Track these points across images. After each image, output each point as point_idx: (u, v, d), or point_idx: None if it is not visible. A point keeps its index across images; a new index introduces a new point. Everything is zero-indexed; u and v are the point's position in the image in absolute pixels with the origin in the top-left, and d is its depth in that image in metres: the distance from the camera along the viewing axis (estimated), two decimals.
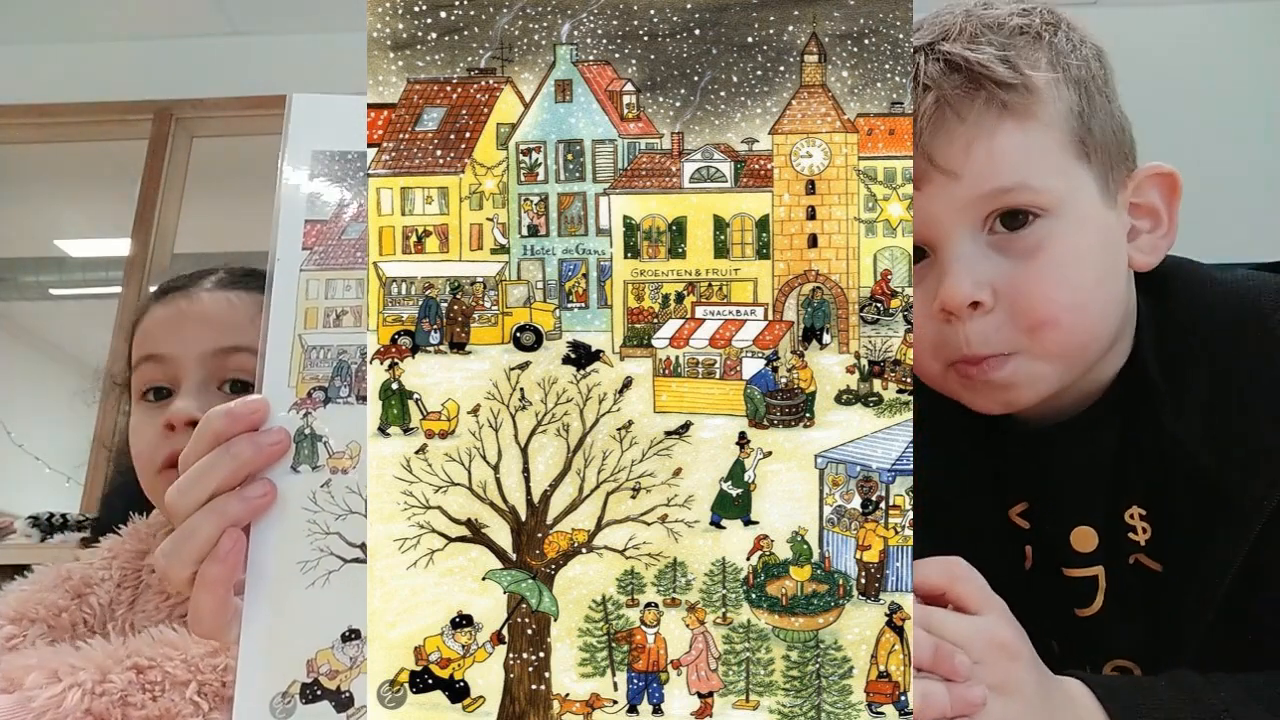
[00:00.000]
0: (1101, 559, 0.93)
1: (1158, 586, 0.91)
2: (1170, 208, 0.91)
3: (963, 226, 0.86)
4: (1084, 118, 0.87)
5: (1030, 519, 0.98)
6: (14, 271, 4.73)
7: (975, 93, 0.85)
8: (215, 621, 0.72)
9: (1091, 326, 0.88)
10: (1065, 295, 0.85)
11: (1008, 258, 0.85)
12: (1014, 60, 0.85)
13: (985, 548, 0.96)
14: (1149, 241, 0.91)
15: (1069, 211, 0.85)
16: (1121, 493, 0.92)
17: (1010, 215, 0.85)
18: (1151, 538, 0.91)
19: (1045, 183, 0.85)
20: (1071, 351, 0.88)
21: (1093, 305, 0.87)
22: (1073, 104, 0.87)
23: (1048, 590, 0.96)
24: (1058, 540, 0.95)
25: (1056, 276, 0.85)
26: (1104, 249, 0.88)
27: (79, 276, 4.58)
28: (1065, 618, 0.96)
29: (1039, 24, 0.89)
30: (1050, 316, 0.86)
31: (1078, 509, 0.94)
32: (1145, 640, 0.91)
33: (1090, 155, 0.87)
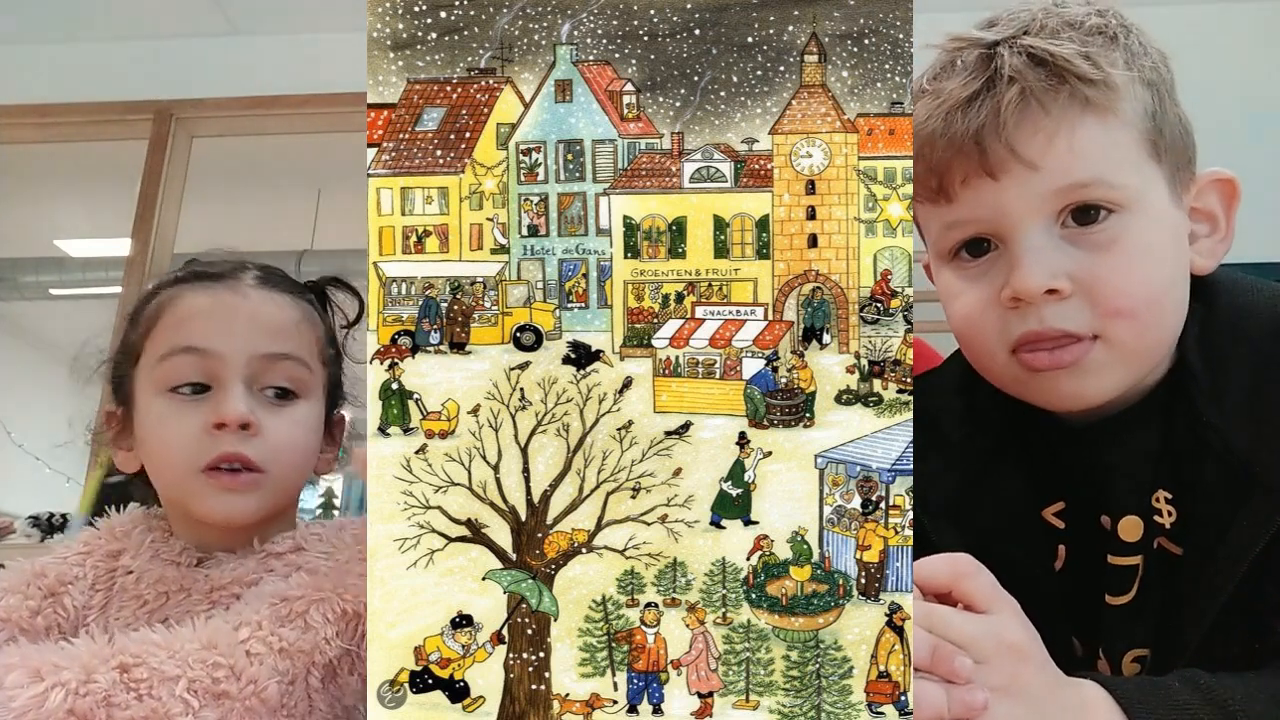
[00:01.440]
0: (1141, 548, 0.94)
1: (1176, 571, 0.91)
2: (1228, 213, 0.93)
3: (1037, 218, 0.87)
4: (1156, 118, 0.88)
5: (1066, 518, 0.99)
6: (14, 271, 4.73)
7: (1060, 86, 0.86)
8: None
9: (1165, 321, 0.89)
10: (1141, 289, 0.86)
11: (1082, 249, 0.86)
12: (1095, 57, 0.86)
13: (1015, 545, 0.97)
14: (1207, 246, 0.92)
15: (1142, 208, 0.86)
16: (1154, 479, 0.93)
17: (1083, 210, 0.86)
18: (1176, 521, 0.92)
19: (1122, 178, 0.86)
20: (1147, 347, 0.89)
21: (1167, 301, 0.89)
22: (1147, 104, 0.88)
23: (1080, 584, 0.97)
24: (1103, 531, 0.96)
25: (1132, 269, 0.86)
26: (1175, 246, 0.89)
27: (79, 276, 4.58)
28: (1094, 608, 0.96)
29: (1114, 25, 0.90)
30: (1128, 308, 0.86)
31: (1126, 499, 0.94)
32: (1159, 626, 0.91)
33: (1161, 155, 0.88)
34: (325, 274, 1.16)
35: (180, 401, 1.01)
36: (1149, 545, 0.94)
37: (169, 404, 1.02)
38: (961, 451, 0.97)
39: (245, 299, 1.04)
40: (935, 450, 0.97)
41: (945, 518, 0.96)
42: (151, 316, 1.06)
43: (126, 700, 0.80)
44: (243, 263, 1.10)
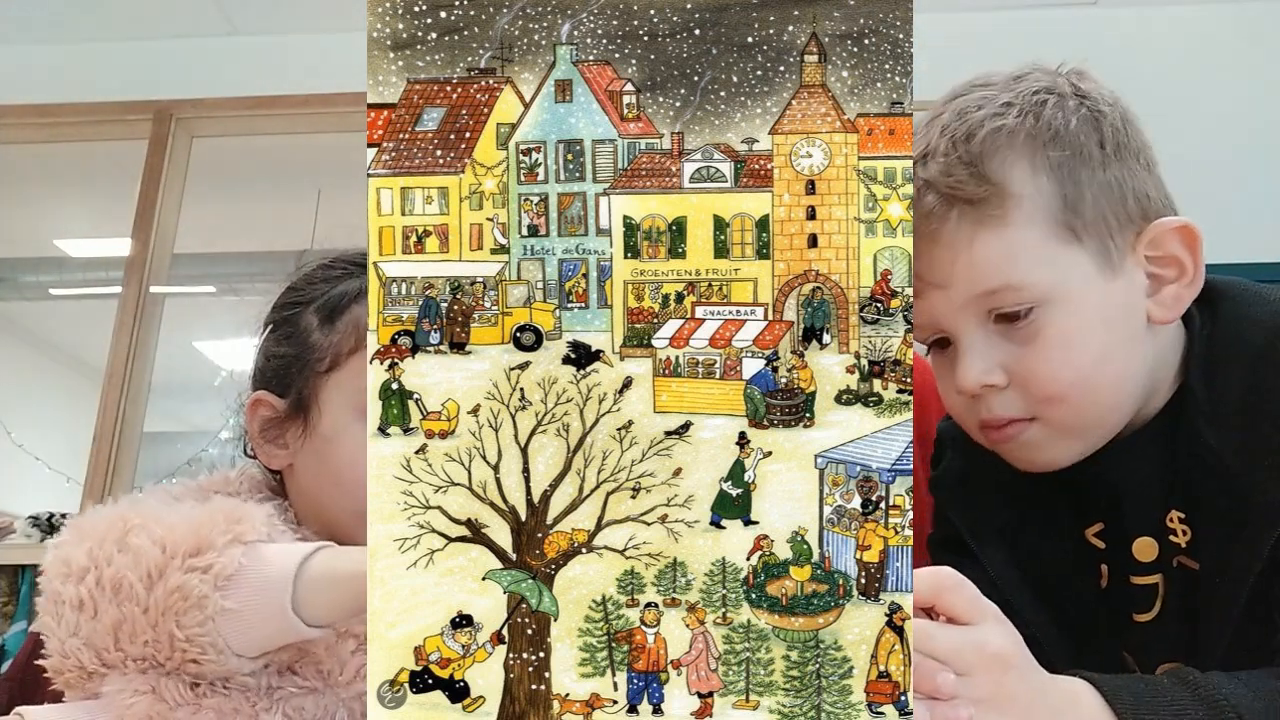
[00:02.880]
0: (1160, 567, 0.96)
1: (1197, 585, 0.94)
2: (1195, 257, 0.93)
3: (969, 320, 0.91)
4: (1070, 201, 0.90)
5: (1105, 539, 1.02)
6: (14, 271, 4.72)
7: (948, 211, 0.90)
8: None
9: (1102, 399, 0.92)
10: (1067, 374, 0.90)
11: (1012, 342, 0.91)
12: (985, 170, 0.89)
13: (1061, 566, 1.01)
14: (1173, 292, 0.93)
15: (1061, 296, 0.89)
16: (1165, 499, 0.96)
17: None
18: (1191, 539, 0.94)
19: (1029, 278, 0.89)
20: (1087, 424, 0.93)
21: (1098, 379, 0.91)
22: (1055, 194, 0.90)
23: (1120, 602, 0.99)
24: (1124, 552, 0.98)
25: (1056, 358, 0.90)
26: (1104, 324, 0.91)
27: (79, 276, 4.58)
28: (1125, 623, 0.99)
29: (1018, 114, 0.91)
30: (1057, 393, 0.91)
31: (1139, 520, 0.97)
32: (1190, 641, 0.93)
33: (1081, 235, 0.90)
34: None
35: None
36: (1168, 564, 0.96)
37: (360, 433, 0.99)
38: (1010, 480, 0.99)
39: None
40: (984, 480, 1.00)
41: (995, 542, 1.00)
42: (361, 333, 1.02)
43: (213, 690, 0.82)
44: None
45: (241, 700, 0.82)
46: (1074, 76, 0.96)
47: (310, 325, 1.07)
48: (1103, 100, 0.94)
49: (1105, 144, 0.92)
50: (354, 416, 1.00)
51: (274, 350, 1.09)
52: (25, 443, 4.59)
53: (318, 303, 1.08)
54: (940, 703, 0.70)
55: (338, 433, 1.02)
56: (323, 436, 1.03)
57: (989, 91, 0.94)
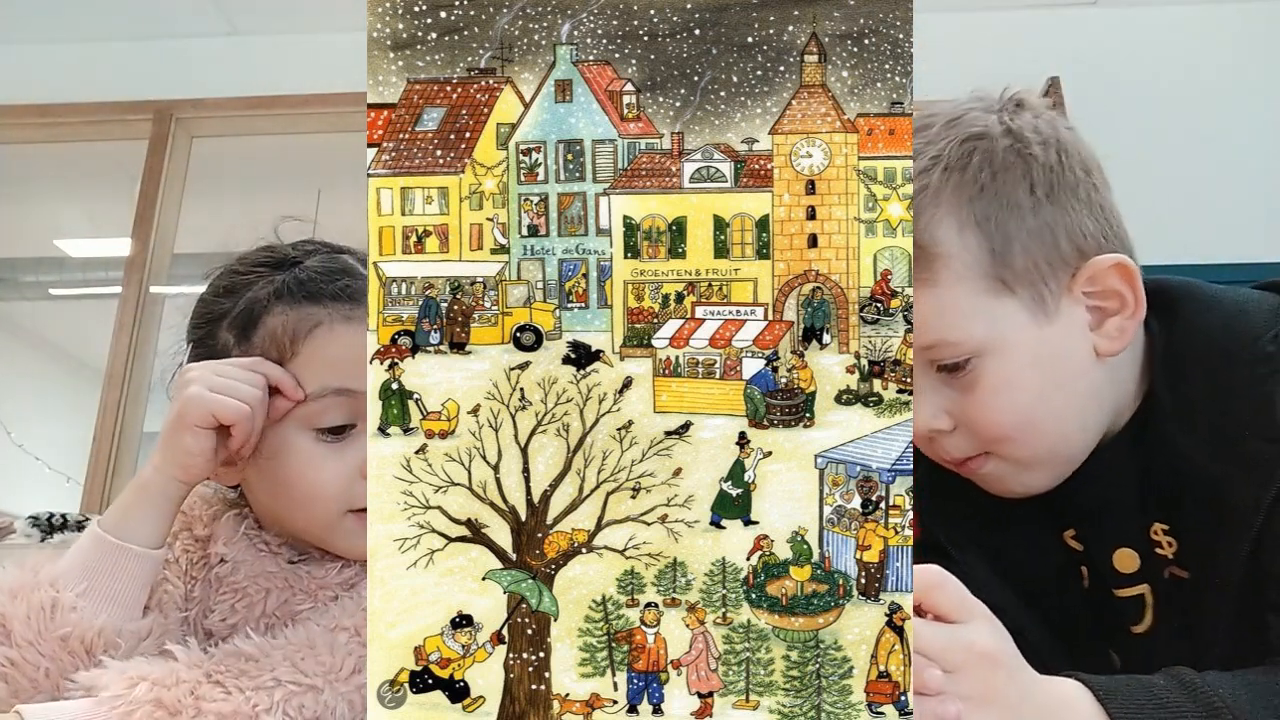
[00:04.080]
0: (1145, 577, 0.98)
1: (1189, 593, 0.94)
2: (1133, 289, 0.94)
3: (917, 369, 0.92)
4: (999, 254, 0.91)
5: (1081, 541, 1.03)
6: (14, 271, 4.72)
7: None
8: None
9: (1047, 435, 0.95)
10: (1006, 418, 0.93)
11: (955, 390, 0.94)
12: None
13: (1040, 567, 1.02)
14: (1117, 324, 0.94)
15: (997, 347, 0.91)
16: (1145, 512, 0.97)
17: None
18: (1178, 550, 0.96)
19: (962, 334, 0.91)
20: (1039, 457, 0.96)
21: (1039, 417, 0.93)
22: (983, 248, 0.91)
23: (1105, 609, 1.00)
24: (1103, 563, 1.00)
25: (994, 404, 0.92)
26: (1041, 367, 0.93)
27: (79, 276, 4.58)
28: (1123, 635, 1.00)
29: (944, 169, 0.92)
30: (1001, 435, 0.94)
31: (1116, 532, 0.99)
32: (1193, 649, 0.93)
33: (1013, 285, 0.91)
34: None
35: (327, 445, 0.98)
36: (1156, 576, 0.97)
37: (317, 446, 0.98)
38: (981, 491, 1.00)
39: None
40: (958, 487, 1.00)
41: (974, 549, 1.01)
42: (282, 344, 1.00)
43: (214, 694, 0.81)
44: (351, 268, 1.04)
45: (241, 701, 0.82)
46: (1009, 112, 0.96)
47: (228, 343, 1.03)
48: (1036, 139, 0.94)
49: (1036, 188, 0.93)
50: (294, 429, 0.98)
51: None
52: (25, 443, 4.59)
53: (230, 317, 1.04)
54: (928, 698, 0.70)
55: (281, 449, 0.99)
56: (267, 456, 1.00)
57: (920, 140, 0.93)
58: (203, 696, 0.81)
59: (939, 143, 0.93)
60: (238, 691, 0.82)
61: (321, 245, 1.10)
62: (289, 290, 1.02)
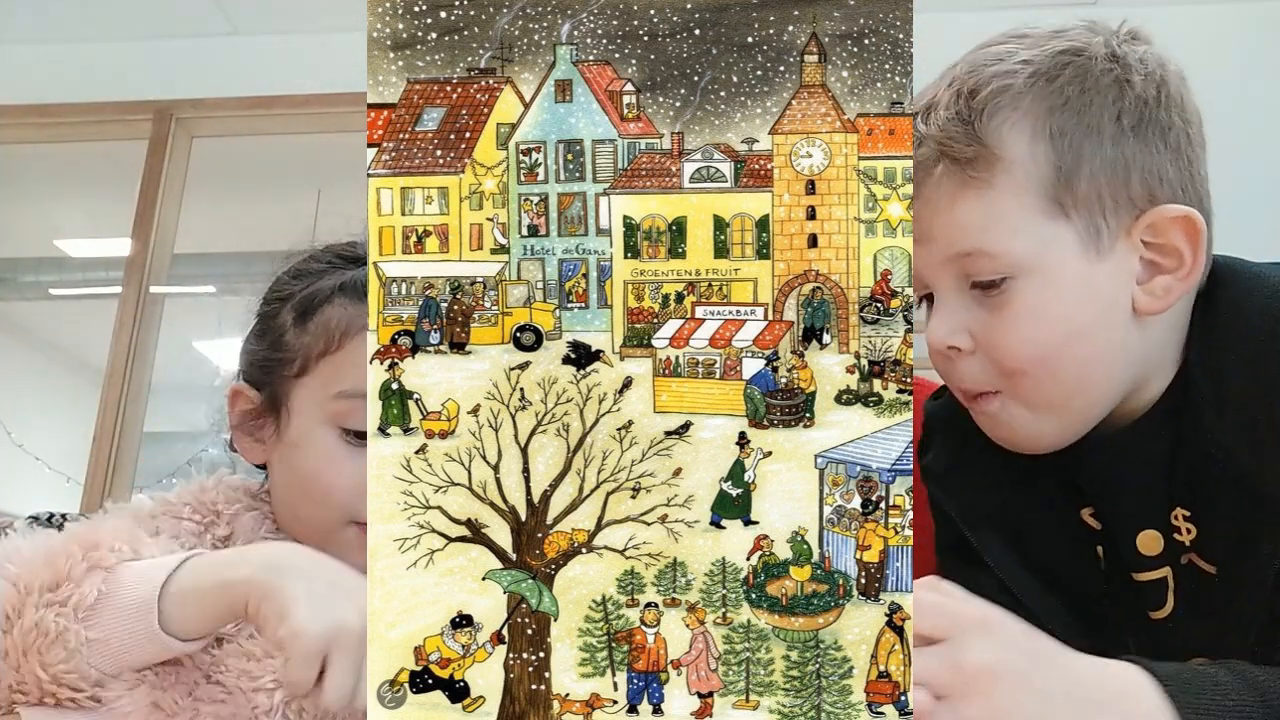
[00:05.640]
0: (1167, 561, 0.94)
1: (1212, 584, 0.91)
2: (1195, 249, 0.89)
3: (947, 279, 0.91)
4: (1064, 175, 0.87)
5: (1100, 520, 0.99)
6: (14, 271, 4.72)
7: (935, 165, 0.88)
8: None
9: (1066, 378, 0.90)
10: (1029, 350, 0.88)
11: (985, 310, 0.90)
12: (980, 130, 0.87)
13: (1057, 547, 0.98)
14: (1165, 283, 0.89)
15: (1038, 269, 0.87)
16: (1169, 495, 0.93)
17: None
18: (1196, 538, 0.92)
19: (1005, 247, 0.87)
20: (1052, 401, 0.91)
21: (1063, 358, 0.89)
22: (1050, 164, 0.87)
23: (1122, 592, 0.97)
24: (1125, 545, 0.96)
25: (1021, 331, 0.88)
26: (1079, 304, 0.89)
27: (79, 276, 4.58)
28: (1142, 620, 0.96)
29: (1031, 75, 0.88)
30: (1017, 367, 0.89)
31: (1141, 514, 0.94)
32: (1217, 638, 0.89)
33: (1070, 211, 0.87)
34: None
35: (349, 447, 0.97)
36: (1175, 559, 0.93)
37: (340, 446, 0.98)
38: (1002, 462, 0.97)
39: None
40: (974, 463, 0.98)
41: (989, 527, 0.97)
42: (331, 335, 1.01)
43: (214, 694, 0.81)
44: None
45: (242, 702, 0.82)
46: (1120, 38, 0.91)
47: (285, 324, 1.04)
48: (1139, 68, 0.90)
49: (1124, 116, 0.88)
50: (320, 423, 0.99)
51: (253, 346, 1.07)
52: (25, 443, 4.59)
53: (294, 300, 1.05)
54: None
55: (304, 440, 1.00)
56: (290, 442, 1.01)
57: (1014, 46, 0.91)
58: (201, 697, 0.81)
59: (1032, 50, 0.89)
60: (239, 692, 0.82)
61: None
62: (354, 286, 1.03)
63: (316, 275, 1.07)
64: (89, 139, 3.73)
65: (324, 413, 0.99)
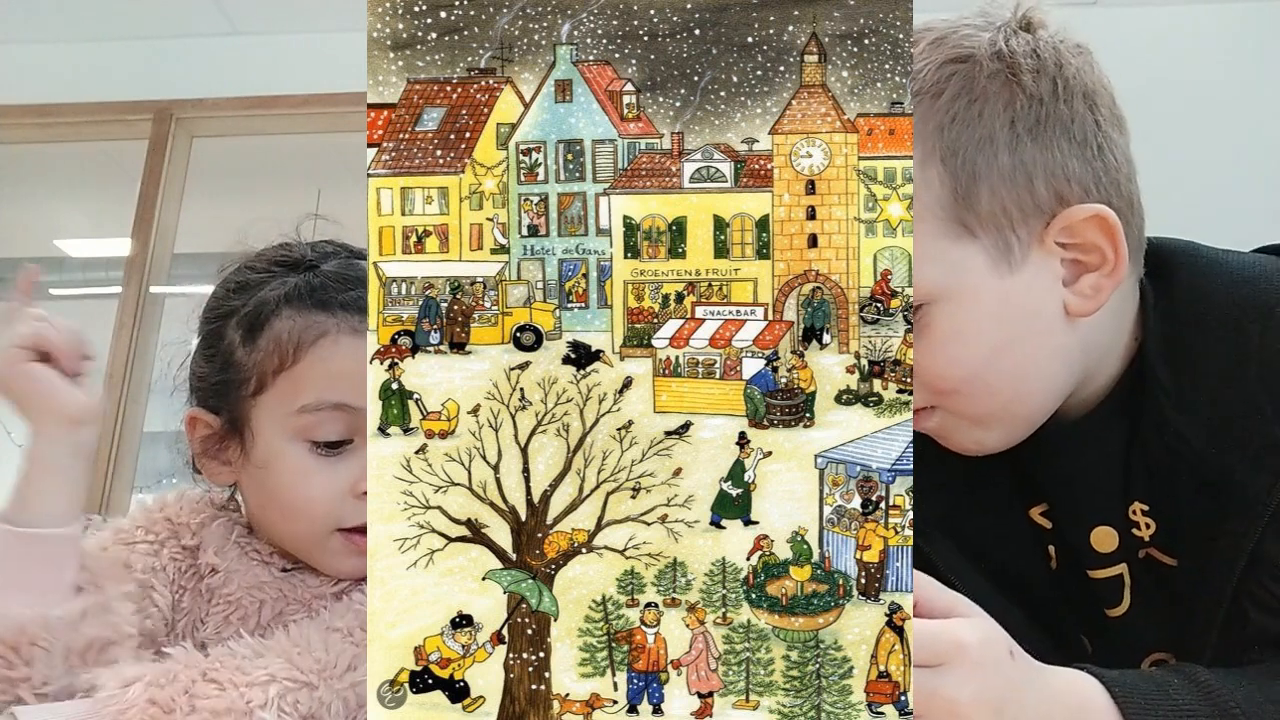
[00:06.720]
0: (1122, 557, 0.92)
1: (1174, 581, 0.90)
2: (1115, 244, 0.85)
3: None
4: (963, 195, 0.84)
5: (1051, 519, 0.97)
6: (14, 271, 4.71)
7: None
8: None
9: (999, 392, 0.88)
10: (956, 370, 0.86)
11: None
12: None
13: (1007, 548, 0.97)
14: (1092, 282, 0.87)
15: (951, 294, 0.85)
16: (1126, 490, 0.91)
17: None
18: (1156, 532, 0.90)
19: (915, 276, 0.85)
20: (989, 415, 0.89)
21: (992, 374, 0.87)
22: (947, 187, 0.84)
23: (1076, 590, 0.95)
24: (1079, 542, 0.94)
25: (942, 355, 0.85)
26: (1000, 321, 0.86)
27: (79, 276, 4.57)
28: (1097, 618, 0.95)
29: (915, 93, 0.82)
30: (945, 388, 0.87)
31: (1095, 510, 0.93)
32: (1175, 634, 0.89)
33: (976, 230, 0.84)
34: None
35: (320, 458, 0.96)
36: (1132, 555, 0.92)
37: (310, 459, 0.96)
38: (949, 465, 0.95)
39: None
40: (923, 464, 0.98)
41: (937, 528, 0.95)
42: (285, 350, 0.98)
43: (209, 690, 0.81)
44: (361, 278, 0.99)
45: (236, 697, 0.82)
46: (1008, 32, 0.87)
47: (234, 343, 1.01)
48: (1029, 65, 0.85)
49: (1017, 121, 0.84)
50: (287, 440, 0.97)
51: (203, 368, 1.04)
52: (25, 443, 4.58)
53: (238, 315, 1.01)
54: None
55: (273, 459, 0.98)
56: (259, 463, 0.98)
57: (935, 24, 0.87)
58: (197, 694, 0.81)
59: (919, 63, 0.85)
60: (232, 688, 0.82)
61: (342, 248, 1.07)
62: (299, 295, 1.00)
63: (257, 286, 1.03)
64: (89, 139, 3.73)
65: (289, 429, 0.97)
